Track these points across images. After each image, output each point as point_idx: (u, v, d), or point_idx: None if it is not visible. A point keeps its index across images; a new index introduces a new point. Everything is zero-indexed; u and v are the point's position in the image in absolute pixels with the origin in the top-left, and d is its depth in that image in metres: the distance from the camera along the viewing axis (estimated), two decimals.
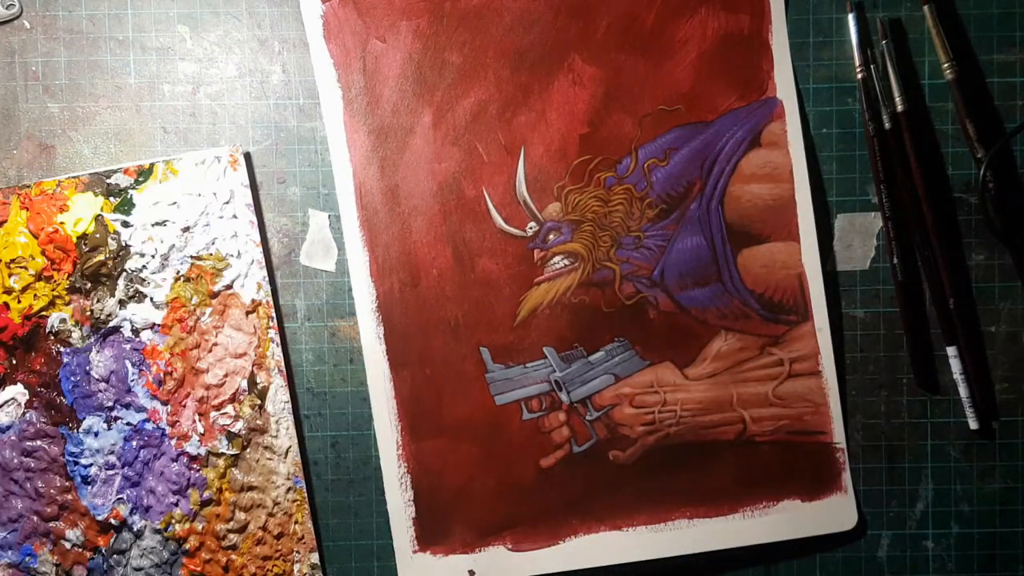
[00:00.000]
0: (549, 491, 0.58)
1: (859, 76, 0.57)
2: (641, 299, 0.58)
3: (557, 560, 0.58)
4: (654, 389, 0.58)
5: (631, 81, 0.57)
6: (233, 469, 0.58)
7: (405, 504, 0.58)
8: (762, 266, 0.57)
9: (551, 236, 0.57)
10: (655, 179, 0.57)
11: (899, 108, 0.56)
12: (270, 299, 0.58)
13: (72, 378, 0.58)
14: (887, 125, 0.57)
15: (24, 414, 0.58)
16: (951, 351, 0.58)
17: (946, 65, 0.56)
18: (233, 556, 0.59)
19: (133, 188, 0.58)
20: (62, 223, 0.58)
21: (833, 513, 0.58)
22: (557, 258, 0.58)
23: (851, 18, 0.57)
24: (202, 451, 0.58)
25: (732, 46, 0.57)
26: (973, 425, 0.58)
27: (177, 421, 0.58)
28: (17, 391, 0.58)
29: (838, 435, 0.58)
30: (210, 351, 0.58)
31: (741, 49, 0.57)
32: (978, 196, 0.56)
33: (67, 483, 0.59)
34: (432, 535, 0.58)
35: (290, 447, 0.58)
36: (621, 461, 0.58)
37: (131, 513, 0.59)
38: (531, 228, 0.57)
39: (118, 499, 0.59)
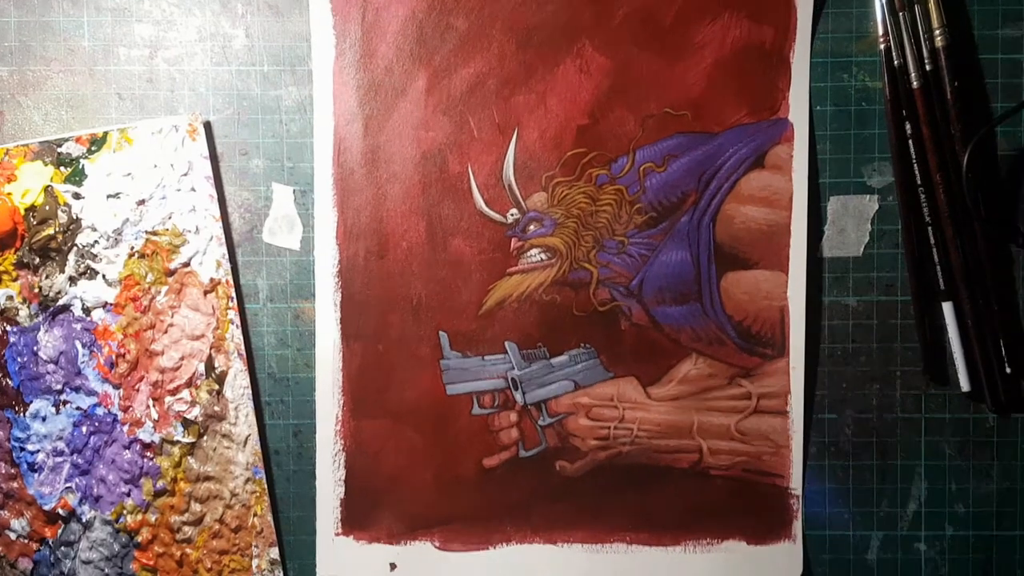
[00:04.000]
0: (488, 493, 0.56)
1: (881, 47, 0.55)
2: (615, 307, 0.55)
3: (484, 566, 0.56)
4: (613, 403, 0.56)
5: (640, 78, 0.54)
6: (189, 458, 0.56)
7: (335, 483, 0.56)
8: (745, 292, 0.55)
9: (531, 227, 0.55)
10: (649, 184, 0.55)
11: (914, 85, 0.54)
12: (230, 278, 0.55)
13: (19, 359, 0.56)
14: (916, 84, 0.54)
15: None
16: (947, 307, 0.55)
17: (938, 31, 0.54)
18: (188, 550, 0.56)
19: (85, 158, 0.55)
20: (9, 194, 0.54)
21: (778, 561, 0.56)
22: (534, 251, 0.55)
23: None
24: (156, 438, 0.56)
25: (751, 58, 0.54)
26: (965, 387, 0.56)
27: (130, 406, 0.56)
28: None
29: (795, 481, 0.56)
30: (165, 332, 0.55)
31: (759, 63, 0.54)
32: (964, 180, 0.54)
33: (12, 470, 0.56)
34: (358, 520, 0.56)
35: (249, 435, 0.56)
36: (568, 473, 0.56)
37: (80, 503, 0.56)
38: (512, 215, 0.55)
39: (66, 488, 0.56)
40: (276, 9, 0.55)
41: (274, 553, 0.56)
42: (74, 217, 0.55)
